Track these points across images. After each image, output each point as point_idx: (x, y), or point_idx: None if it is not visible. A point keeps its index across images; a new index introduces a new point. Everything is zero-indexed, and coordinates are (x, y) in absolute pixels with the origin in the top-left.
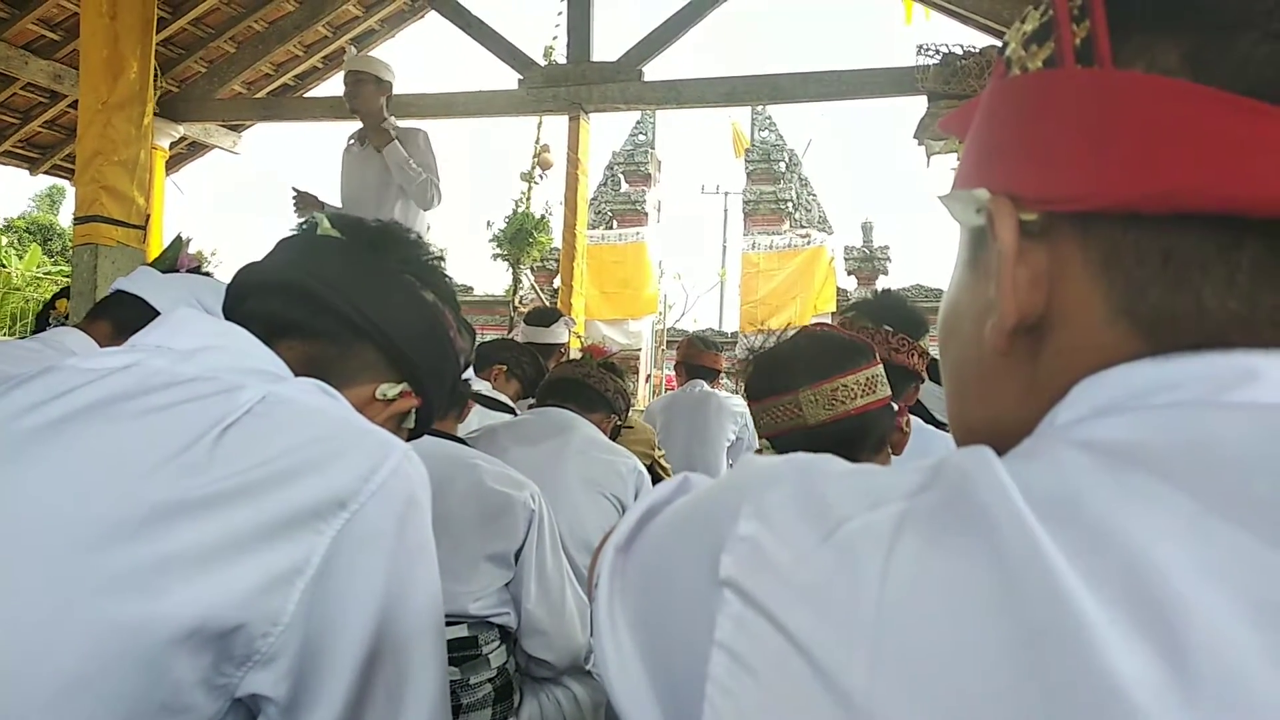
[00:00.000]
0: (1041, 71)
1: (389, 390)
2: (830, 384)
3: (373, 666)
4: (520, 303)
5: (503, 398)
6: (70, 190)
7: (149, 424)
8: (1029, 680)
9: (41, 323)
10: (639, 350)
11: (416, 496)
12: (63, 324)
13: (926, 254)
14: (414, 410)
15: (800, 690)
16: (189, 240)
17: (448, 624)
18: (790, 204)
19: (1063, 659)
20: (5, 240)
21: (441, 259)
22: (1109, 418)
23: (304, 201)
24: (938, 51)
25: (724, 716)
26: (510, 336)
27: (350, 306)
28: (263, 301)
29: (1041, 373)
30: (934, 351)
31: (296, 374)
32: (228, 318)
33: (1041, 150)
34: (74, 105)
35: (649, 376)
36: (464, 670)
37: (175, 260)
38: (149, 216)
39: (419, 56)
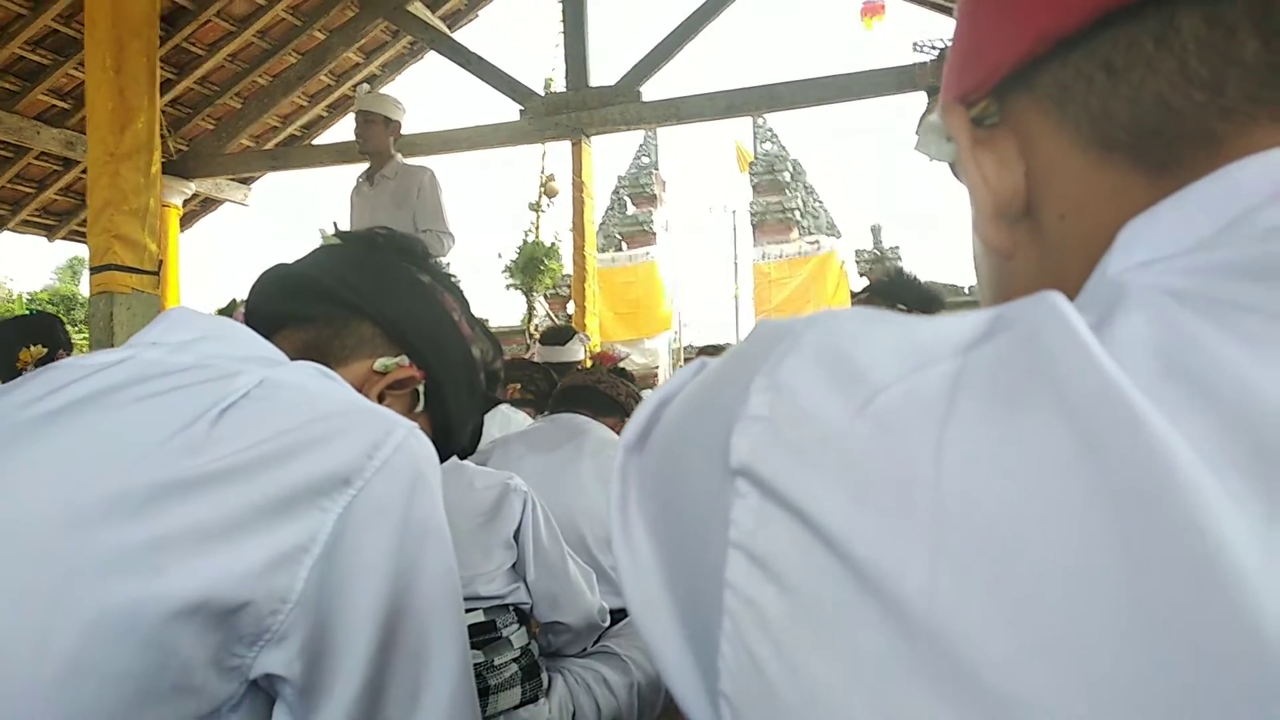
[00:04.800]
0: None
1: (387, 363)
2: None
3: (390, 645)
4: (535, 330)
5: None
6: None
7: (145, 409)
8: (1124, 559)
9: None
10: (656, 368)
11: (424, 472)
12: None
13: (938, 251)
14: (423, 394)
15: (837, 596)
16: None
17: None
18: (797, 212)
19: (1161, 528)
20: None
21: (449, 273)
22: (1179, 259)
23: None
24: (933, 47)
25: (745, 630)
26: (525, 356)
27: (340, 283)
28: (261, 300)
29: (1052, 245)
30: None
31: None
32: None
33: (969, 45)
34: (87, 171)
35: None
36: (487, 652)
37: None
38: (162, 262)
39: (421, 95)
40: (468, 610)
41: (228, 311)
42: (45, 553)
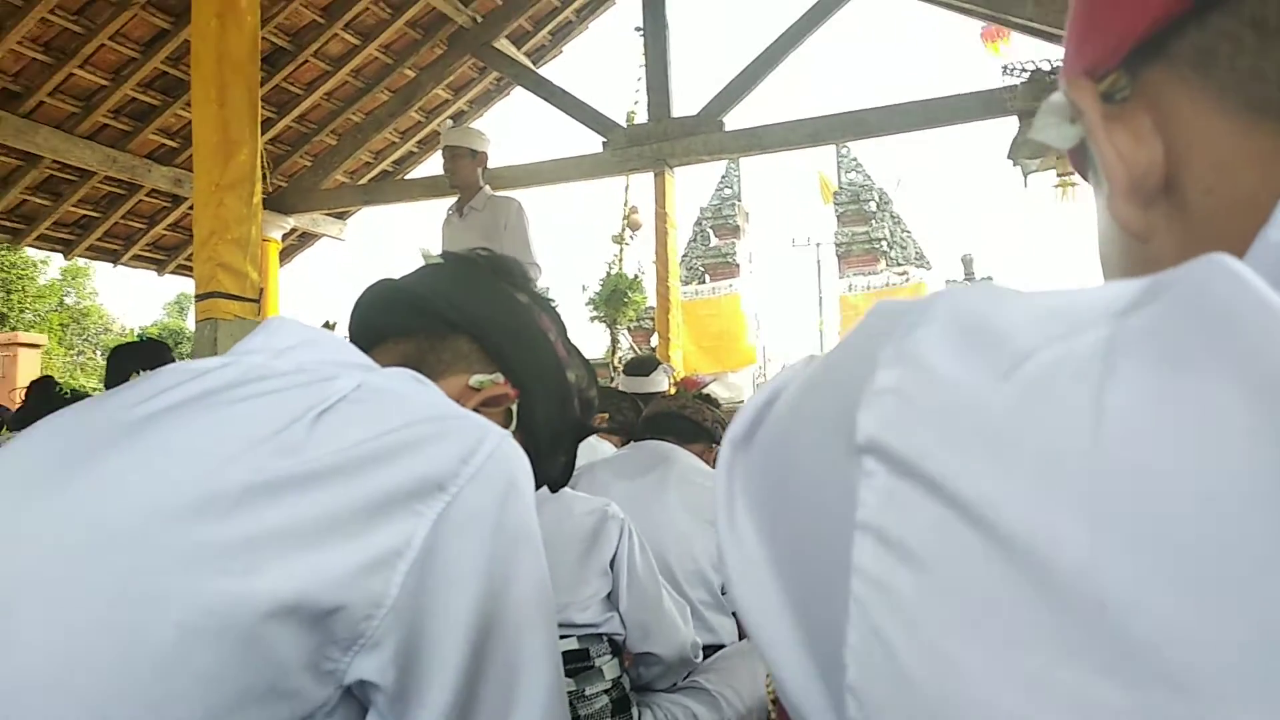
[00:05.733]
0: None
1: (483, 379)
2: None
3: (483, 653)
4: (619, 363)
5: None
6: None
7: (244, 410)
8: None
9: None
10: (741, 402)
11: (517, 480)
12: None
13: (1031, 282)
14: (516, 413)
15: (979, 571)
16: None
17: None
18: (884, 242)
19: None
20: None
21: (547, 296)
22: None
23: None
24: (1024, 70)
25: (875, 615)
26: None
27: (438, 297)
28: (365, 313)
29: (1198, 222)
30: None
31: None
32: None
33: (1093, 13)
34: (193, 206)
35: None
36: (579, 681)
37: None
38: (263, 290)
39: (507, 130)
40: (561, 637)
41: None
42: (140, 550)
